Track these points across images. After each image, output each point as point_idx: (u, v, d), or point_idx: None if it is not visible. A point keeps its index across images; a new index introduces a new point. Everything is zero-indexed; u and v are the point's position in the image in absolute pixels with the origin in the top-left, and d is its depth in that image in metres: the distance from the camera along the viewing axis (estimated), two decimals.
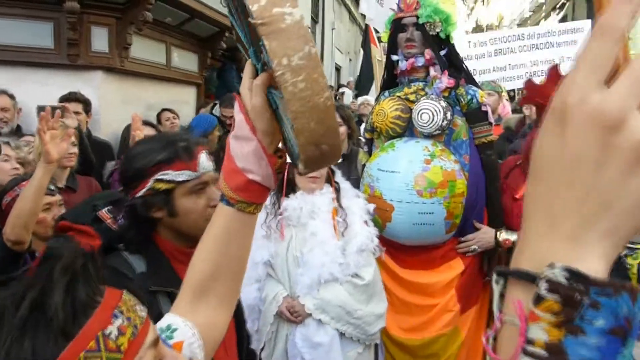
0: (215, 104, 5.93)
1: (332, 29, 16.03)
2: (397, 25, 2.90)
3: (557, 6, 23.56)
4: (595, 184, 0.41)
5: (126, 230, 1.51)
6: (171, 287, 1.35)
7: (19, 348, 0.51)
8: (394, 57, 2.93)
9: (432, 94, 2.78)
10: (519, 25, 31.22)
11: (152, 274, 1.44)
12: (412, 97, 2.86)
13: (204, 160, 1.56)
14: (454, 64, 2.88)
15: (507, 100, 7.51)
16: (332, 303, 2.43)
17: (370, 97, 7.13)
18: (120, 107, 4.96)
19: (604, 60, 0.42)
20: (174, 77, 5.93)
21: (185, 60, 6.23)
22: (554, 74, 2.63)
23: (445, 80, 2.78)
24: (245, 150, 0.89)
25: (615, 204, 0.41)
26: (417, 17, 2.81)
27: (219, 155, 3.89)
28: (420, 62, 2.84)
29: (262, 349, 2.50)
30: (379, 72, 8.65)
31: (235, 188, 0.91)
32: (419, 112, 2.75)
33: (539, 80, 2.87)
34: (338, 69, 18.11)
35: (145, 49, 5.13)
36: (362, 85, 9.26)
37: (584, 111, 0.41)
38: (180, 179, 1.50)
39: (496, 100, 5.02)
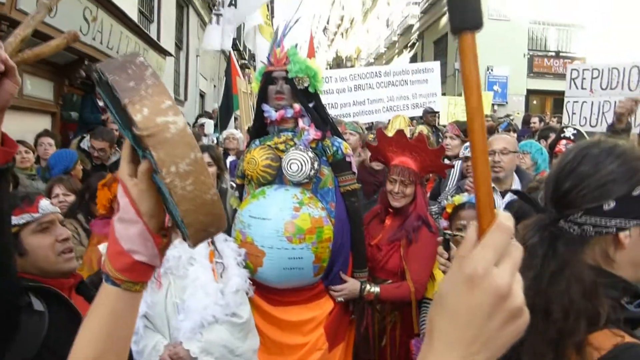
0: (83, 137, 5.63)
1: (197, 56, 15.89)
2: (267, 78, 3.04)
3: (409, 45, 25.57)
4: (483, 329, 0.61)
5: None
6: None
7: None
8: (265, 108, 3.06)
9: (300, 145, 2.94)
10: (375, 59, 33.33)
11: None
12: (281, 147, 3.00)
13: (45, 204, 1.83)
14: (321, 116, 3.07)
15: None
16: (215, 344, 2.48)
17: (235, 131, 7.18)
18: None
19: (502, 249, 0.62)
20: (27, 105, 5.53)
21: (40, 88, 5.84)
22: (382, 135, 3.17)
23: (313, 133, 2.96)
24: (130, 232, 0.90)
25: (491, 344, 0.61)
26: (287, 71, 2.97)
27: (83, 196, 3.70)
28: (290, 113, 3.00)
29: None
30: (243, 103, 8.75)
31: (121, 269, 0.92)
32: (288, 162, 2.89)
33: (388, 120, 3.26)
34: (202, 96, 17.95)
35: None
36: (222, 120, 9.27)
37: (487, 282, 0.60)
38: (22, 221, 1.76)
39: (357, 140, 5.34)
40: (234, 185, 3.51)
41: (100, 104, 7.34)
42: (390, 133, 7.14)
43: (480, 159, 0.64)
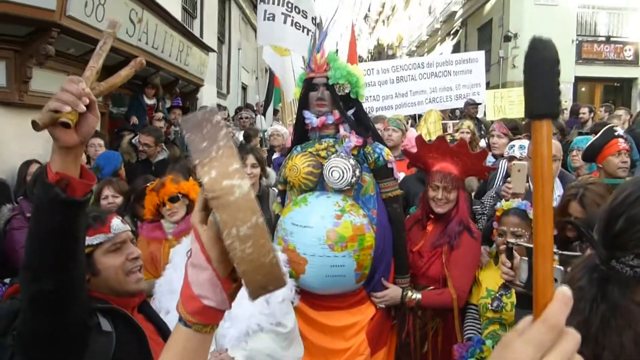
0: (135, 134, 5.81)
1: (239, 49, 16.03)
2: (308, 84, 3.05)
3: (452, 32, 25.07)
4: None
5: None
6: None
7: None
8: (306, 114, 3.07)
9: (341, 152, 2.94)
10: (417, 47, 32.83)
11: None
12: (323, 154, 3.01)
13: (117, 224, 1.85)
14: (362, 122, 3.06)
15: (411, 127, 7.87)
16: (260, 352, 2.52)
17: (280, 127, 7.19)
18: (17, 142, 4.71)
19: (545, 345, 0.60)
20: None
21: None
22: (421, 142, 3.17)
23: (354, 140, 2.96)
24: (201, 278, 0.94)
25: None
26: (328, 77, 2.97)
27: (129, 198, 3.80)
28: (331, 120, 3.00)
29: None
30: (285, 96, 8.73)
31: (192, 312, 0.97)
32: (329, 169, 2.90)
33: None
34: (244, 88, 18.12)
35: (46, 81, 4.91)
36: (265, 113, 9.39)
37: None
38: (95, 242, 1.78)
39: (399, 136, 5.30)
40: (277, 190, 3.55)
41: (149, 102, 7.53)
42: (423, 129, 7.07)
43: (545, 257, 0.63)
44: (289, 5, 7.16)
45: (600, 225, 1.17)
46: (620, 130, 4.06)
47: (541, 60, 0.64)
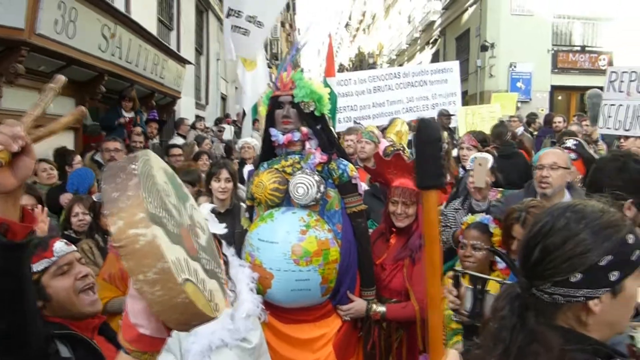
0: (97, 151, 5.79)
1: (217, 60, 16.07)
2: (274, 102, 3.11)
3: (431, 41, 25.37)
4: None
5: None
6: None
7: None
8: (272, 131, 3.12)
9: (307, 169, 3.01)
10: (398, 55, 33.14)
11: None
12: (288, 170, 3.07)
13: (60, 247, 1.87)
14: (327, 139, 3.12)
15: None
16: None
17: (250, 139, 7.21)
18: None
19: None
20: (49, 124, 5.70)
21: (61, 106, 5.98)
22: (379, 159, 3.27)
23: (319, 156, 3.03)
24: (136, 308, 0.99)
25: None
26: (293, 96, 3.03)
27: (98, 215, 3.77)
28: (297, 137, 3.07)
29: None
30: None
31: (129, 340, 1.02)
32: (295, 185, 2.96)
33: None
34: (224, 99, 18.13)
35: (17, 100, 4.91)
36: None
37: None
38: (41, 268, 1.80)
39: (372, 148, 5.38)
40: (246, 205, 3.59)
41: (128, 115, 7.51)
42: (390, 136, 7.14)
43: (436, 301, 0.71)
44: (251, 18, 7.23)
45: (519, 255, 1.24)
46: (569, 143, 4.16)
47: (426, 141, 0.73)
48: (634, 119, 6.00)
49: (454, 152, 6.56)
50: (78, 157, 5.47)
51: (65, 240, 1.96)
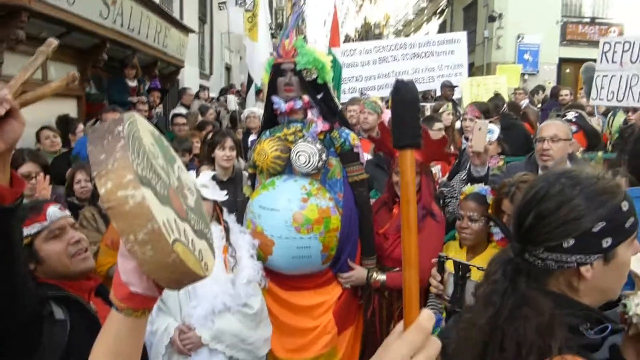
0: (97, 120, 5.77)
1: (221, 32, 15.89)
2: (276, 70, 3.08)
3: (438, 11, 24.99)
4: None
5: None
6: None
7: None
8: (274, 99, 3.10)
9: (308, 137, 2.99)
10: (404, 25, 32.71)
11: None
12: (290, 138, 3.06)
13: (53, 211, 1.90)
14: (329, 108, 3.10)
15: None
16: (227, 332, 2.62)
17: (255, 109, 7.19)
18: None
19: (416, 347, 0.70)
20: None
21: (63, 73, 5.95)
22: (384, 128, 3.22)
23: (321, 125, 3.01)
24: (128, 267, 1.00)
25: None
26: (295, 63, 3.00)
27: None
28: (299, 105, 3.05)
29: None
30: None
31: (120, 298, 1.02)
32: (296, 154, 2.95)
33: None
34: (228, 69, 18.01)
35: (18, 66, 4.87)
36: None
37: None
38: (34, 231, 1.83)
39: (375, 119, 5.34)
40: (247, 173, 3.60)
41: (131, 84, 7.49)
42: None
43: (411, 260, 0.71)
44: None
45: (513, 220, 1.24)
46: (570, 115, 4.12)
47: (403, 100, 0.72)
48: (627, 90, 5.96)
49: (457, 124, 6.53)
50: (81, 125, 5.48)
51: (59, 205, 1.98)
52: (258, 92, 10.43)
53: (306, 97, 3.04)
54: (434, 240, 3.08)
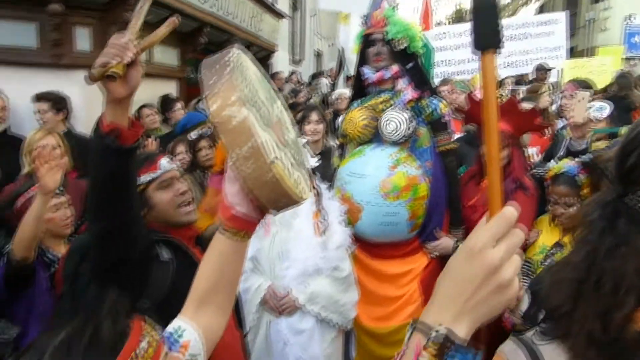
0: (200, 99, 6.11)
1: (312, 16, 16.10)
2: (366, 40, 3.13)
3: None
4: (474, 294, 0.74)
5: None
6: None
7: None
8: (364, 70, 3.16)
9: (397, 105, 3.03)
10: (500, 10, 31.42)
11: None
12: (380, 107, 3.10)
13: (165, 163, 2.02)
14: (419, 77, 3.11)
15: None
16: (321, 294, 2.72)
17: (345, 90, 7.26)
18: (103, 104, 5.08)
19: (499, 235, 0.75)
20: (156, 72, 6.06)
21: (167, 56, 6.36)
22: (472, 100, 3.15)
23: (410, 93, 3.03)
24: (233, 189, 1.10)
25: (480, 307, 0.75)
26: (385, 33, 3.04)
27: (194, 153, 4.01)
28: (388, 74, 3.08)
29: (245, 335, 2.76)
30: None
31: (226, 219, 1.13)
32: (385, 121, 2.99)
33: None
34: (319, 55, 18.21)
35: None
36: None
37: (481, 257, 0.74)
38: (146, 180, 1.96)
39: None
40: (337, 144, 3.68)
41: None
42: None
43: (494, 159, 0.75)
44: None
45: (615, 160, 1.20)
46: None
47: (481, 5, 0.75)
48: None
49: (553, 107, 6.23)
50: (179, 104, 5.78)
51: (170, 157, 2.13)
52: (348, 78, 10.50)
53: (395, 67, 3.07)
54: (525, 214, 3.02)
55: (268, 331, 2.77)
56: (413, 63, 3.11)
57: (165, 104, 5.78)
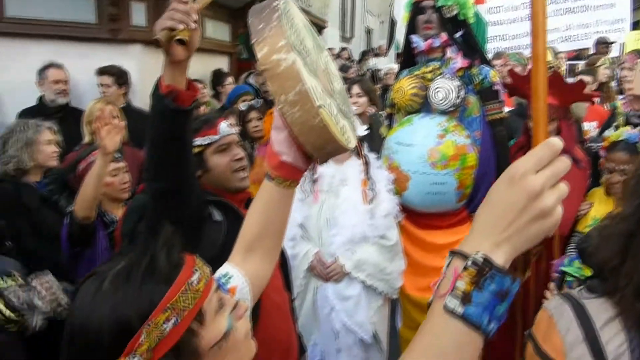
0: (250, 73, 6.19)
1: None
2: (415, 8, 3.10)
3: None
4: (514, 221, 0.72)
5: None
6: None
7: (141, 290, 0.82)
8: (413, 38, 3.13)
9: (447, 73, 2.99)
10: None
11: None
12: (429, 76, 3.07)
13: (224, 127, 2.01)
14: (469, 45, 3.06)
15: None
16: (367, 262, 2.75)
17: (395, 66, 7.19)
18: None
19: (543, 162, 0.73)
20: (208, 47, 6.15)
21: (218, 31, 6.44)
22: (514, 75, 3.10)
23: (460, 61, 2.99)
24: (280, 137, 1.13)
25: (520, 235, 0.73)
26: (435, 0, 2.99)
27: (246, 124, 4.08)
28: (438, 42, 3.05)
29: (293, 300, 2.84)
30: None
31: (272, 167, 1.16)
32: (434, 90, 2.97)
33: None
34: (369, 32, 18.02)
35: None
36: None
37: (523, 183, 0.72)
38: (205, 142, 1.96)
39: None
40: (385, 114, 3.67)
41: None
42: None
43: (539, 100, 0.75)
44: None
45: None
46: None
47: None
48: None
49: (613, 84, 5.97)
50: (230, 78, 5.88)
51: (229, 122, 2.14)
52: (399, 55, 10.37)
53: (445, 35, 3.02)
54: (577, 186, 2.95)
55: (315, 297, 2.83)
56: (463, 31, 3.05)
57: (217, 78, 5.88)
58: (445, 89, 2.93)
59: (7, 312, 1.64)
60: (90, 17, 4.76)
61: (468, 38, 3.07)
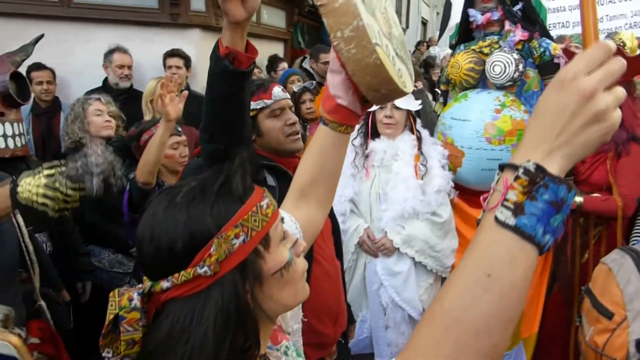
0: (305, 58, 6.24)
1: None
2: None
3: None
4: (567, 126, 0.68)
5: None
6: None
7: (216, 204, 0.84)
8: (471, 12, 3.06)
9: (505, 47, 2.91)
10: None
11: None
12: (486, 50, 3.00)
13: (277, 92, 2.02)
14: (529, 18, 2.97)
15: None
16: (417, 238, 2.72)
17: (451, 51, 7.07)
18: None
19: (595, 62, 0.68)
20: (264, 33, 6.24)
21: (274, 17, 6.52)
22: (567, 52, 3.02)
23: (519, 34, 2.90)
24: (336, 80, 1.12)
25: (574, 141, 0.68)
26: None
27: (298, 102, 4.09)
28: (496, 16, 2.97)
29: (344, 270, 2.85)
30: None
31: (328, 111, 1.16)
32: (491, 64, 2.90)
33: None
34: (424, 23, 17.77)
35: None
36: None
37: (573, 85, 0.67)
38: (259, 107, 1.98)
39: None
40: (440, 91, 3.62)
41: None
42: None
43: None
44: None
45: None
46: None
47: None
48: None
49: None
50: (283, 64, 5.94)
51: (282, 87, 2.15)
52: (452, 47, 10.18)
53: (503, 8, 2.95)
54: (638, 166, 2.82)
55: (364, 273, 2.83)
56: (523, 3, 2.97)
57: (271, 64, 5.96)
58: (503, 63, 2.85)
59: (68, 191, 1.65)
60: (152, 2, 4.92)
61: (527, 10, 2.98)
